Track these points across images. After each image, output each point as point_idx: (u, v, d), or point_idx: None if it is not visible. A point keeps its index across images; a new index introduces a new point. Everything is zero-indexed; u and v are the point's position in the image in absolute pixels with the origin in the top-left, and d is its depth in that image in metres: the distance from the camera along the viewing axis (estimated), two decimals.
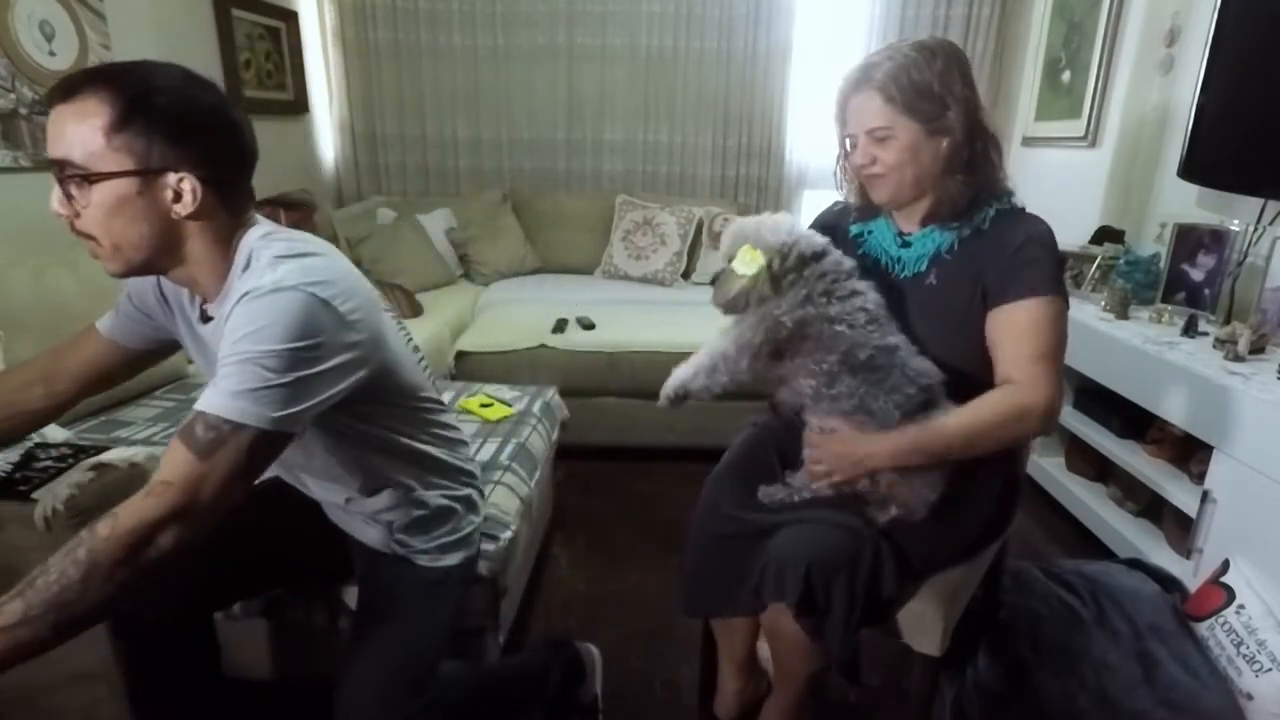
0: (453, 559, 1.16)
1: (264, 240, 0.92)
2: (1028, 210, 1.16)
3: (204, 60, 2.66)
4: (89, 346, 1.09)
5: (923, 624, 1.16)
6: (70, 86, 0.83)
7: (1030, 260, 1.09)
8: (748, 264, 1.09)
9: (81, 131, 0.82)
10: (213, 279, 0.93)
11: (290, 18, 3.22)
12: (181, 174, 0.86)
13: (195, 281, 0.94)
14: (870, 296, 1.10)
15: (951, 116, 1.07)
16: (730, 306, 1.12)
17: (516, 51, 3.55)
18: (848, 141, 1.16)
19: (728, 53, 3.50)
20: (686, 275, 3.39)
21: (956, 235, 1.14)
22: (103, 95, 0.82)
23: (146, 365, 1.15)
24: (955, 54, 1.09)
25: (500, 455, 1.62)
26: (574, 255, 3.55)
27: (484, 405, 1.84)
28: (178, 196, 0.87)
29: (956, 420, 1.07)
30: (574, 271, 3.52)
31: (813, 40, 3.47)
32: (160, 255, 0.90)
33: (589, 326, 2.63)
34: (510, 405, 1.86)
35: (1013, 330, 1.09)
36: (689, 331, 2.55)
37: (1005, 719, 1.45)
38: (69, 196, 0.85)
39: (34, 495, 1.13)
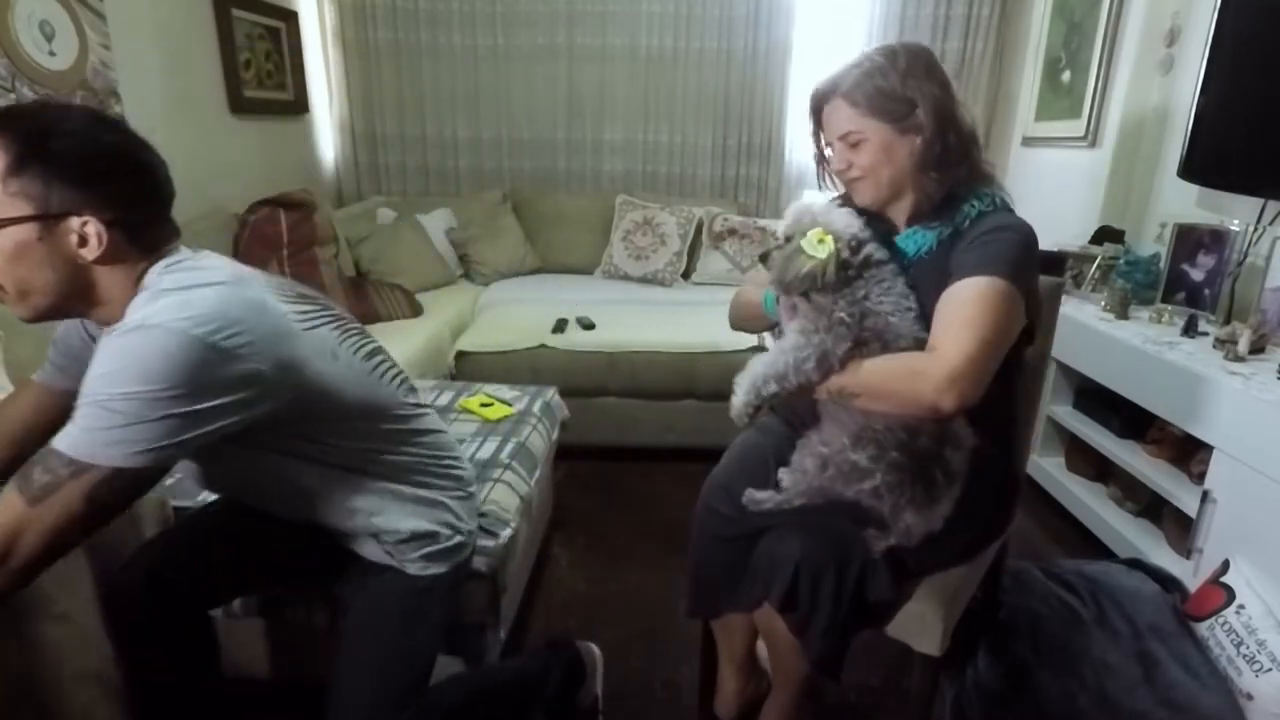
0: (440, 568, 1.13)
1: (162, 272, 0.89)
2: (1016, 212, 1.15)
3: (204, 60, 2.66)
4: (26, 400, 1.07)
5: (923, 624, 1.16)
6: None
7: (988, 243, 1.07)
8: (816, 246, 1.03)
9: None
10: (119, 316, 0.89)
11: (290, 18, 3.22)
12: (85, 218, 0.83)
13: (105, 319, 0.90)
14: (902, 284, 1.10)
15: (920, 114, 1.08)
16: (790, 287, 1.07)
17: (516, 51, 3.55)
18: (827, 150, 1.18)
19: (728, 53, 3.49)
20: (686, 275, 3.39)
21: (937, 236, 1.14)
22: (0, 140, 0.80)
23: None
24: (920, 52, 1.11)
25: (500, 453, 1.62)
26: (574, 255, 3.55)
27: (484, 405, 1.84)
28: (83, 241, 0.84)
29: (860, 368, 1.05)
30: (574, 271, 3.52)
31: (813, 40, 3.47)
32: (69, 299, 0.88)
33: (589, 326, 2.63)
34: (510, 405, 1.87)
35: (948, 302, 1.05)
36: (689, 331, 2.56)
37: (1005, 719, 1.45)
38: None
39: None
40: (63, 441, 0.79)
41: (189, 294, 0.85)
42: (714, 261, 3.36)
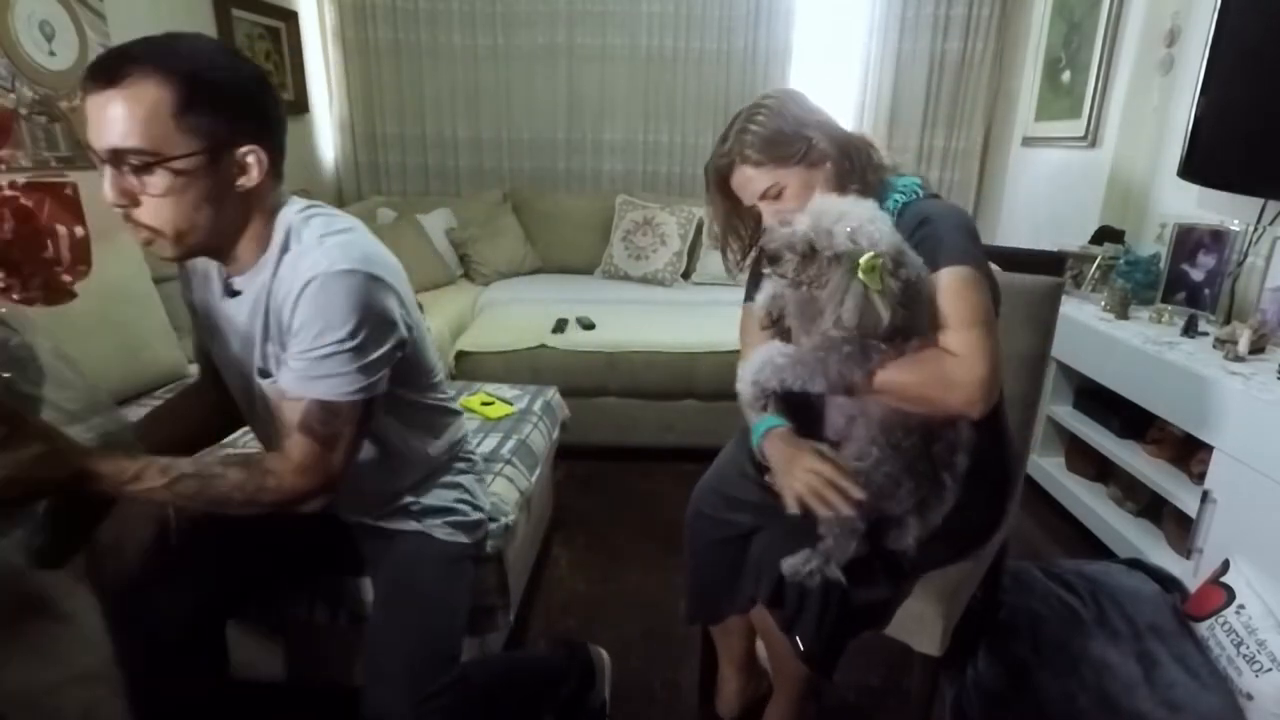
0: (464, 538, 1.19)
1: (302, 217, 0.95)
2: (940, 197, 1.16)
3: None
4: (208, 377, 1.16)
5: (923, 624, 1.16)
6: (113, 69, 0.80)
7: (929, 238, 1.06)
8: (872, 276, 0.95)
9: (142, 115, 0.80)
10: (251, 252, 0.95)
11: (290, 18, 3.22)
12: (248, 146, 0.88)
13: (234, 255, 0.95)
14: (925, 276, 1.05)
15: (817, 143, 1.10)
16: (862, 330, 0.97)
17: (516, 51, 3.55)
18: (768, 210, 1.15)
19: (728, 53, 3.50)
20: (686, 275, 3.39)
21: None
22: (157, 77, 0.81)
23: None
24: (783, 92, 1.16)
25: (501, 449, 1.62)
26: (574, 255, 3.55)
27: (485, 403, 1.84)
28: (243, 169, 0.88)
29: (885, 375, 1.03)
30: (574, 271, 3.52)
31: (813, 40, 3.48)
32: (219, 236, 0.92)
33: (589, 326, 2.63)
34: (511, 404, 1.87)
35: (940, 299, 1.04)
36: (689, 331, 2.56)
37: (1005, 719, 1.45)
38: (127, 185, 0.83)
39: None
40: (322, 388, 0.90)
41: (348, 238, 0.94)
42: (714, 261, 3.35)
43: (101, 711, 1.24)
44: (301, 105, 3.35)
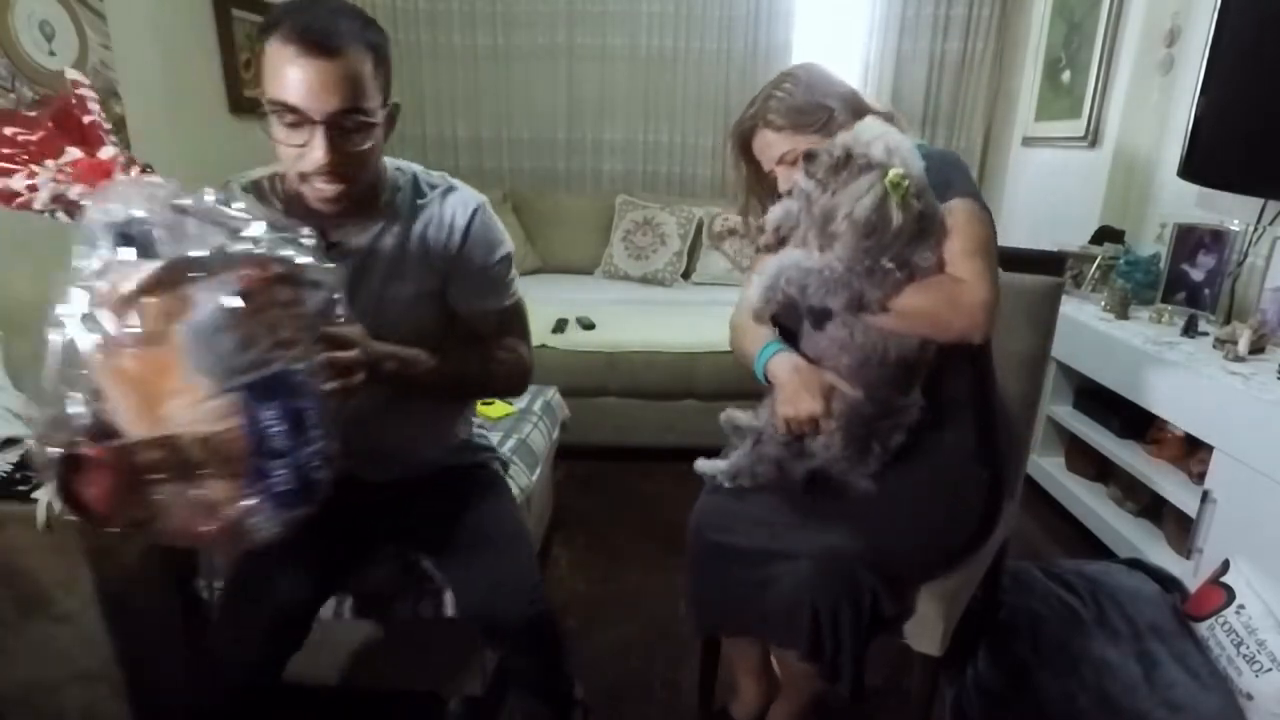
0: (499, 469, 1.38)
1: (412, 168, 1.17)
2: (939, 148, 1.20)
3: (204, 60, 2.66)
4: None
5: (923, 624, 1.16)
6: (333, 44, 0.91)
7: (936, 173, 1.09)
8: (897, 190, 1.00)
9: (358, 80, 0.95)
10: (366, 201, 1.07)
11: None
12: (394, 99, 1.05)
13: (348, 207, 1.03)
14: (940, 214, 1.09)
15: (838, 114, 1.14)
16: (864, 229, 1.01)
17: (516, 51, 3.55)
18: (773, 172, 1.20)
19: (728, 53, 3.50)
20: (686, 275, 3.39)
21: None
22: (360, 45, 0.94)
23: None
24: (810, 64, 1.23)
25: (501, 447, 1.61)
26: (574, 255, 3.55)
27: (485, 403, 1.84)
28: (391, 121, 1.04)
29: (899, 298, 1.06)
30: (574, 271, 3.52)
31: (813, 40, 3.47)
32: (372, 182, 1.08)
33: (589, 326, 2.63)
34: (511, 403, 1.87)
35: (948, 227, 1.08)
36: (689, 331, 2.56)
37: (1005, 719, 1.45)
38: (340, 144, 0.95)
39: (34, 495, 1.13)
40: (507, 299, 1.21)
41: (454, 180, 1.19)
42: (714, 261, 3.36)
43: (101, 711, 1.24)
44: None
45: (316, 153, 0.94)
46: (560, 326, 2.62)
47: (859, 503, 1.13)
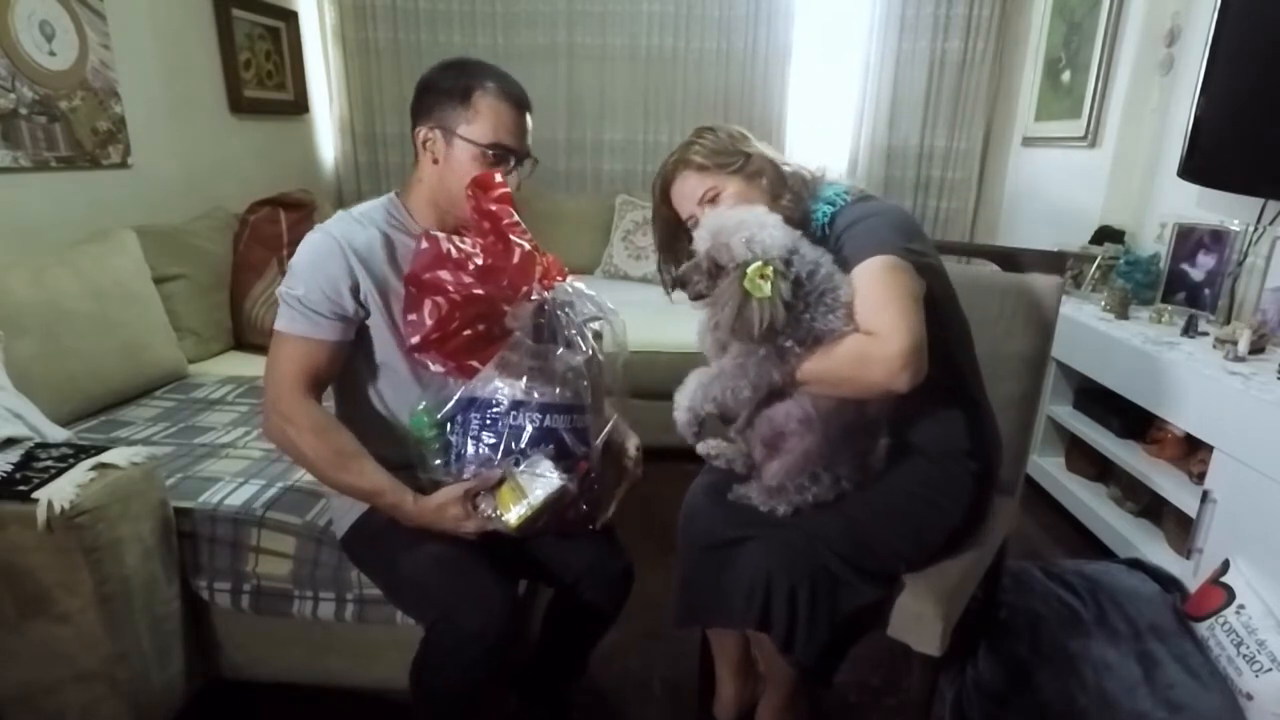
0: None
1: None
2: (875, 198, 1.21)
3: (204, 60, 2.66)
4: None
5: (923, 624, 1.16)
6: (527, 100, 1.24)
7: (850, 239, 1.11)
8: (760, 285, 1.00)
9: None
10: None
11: (290, 18, 3.22)
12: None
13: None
14: (834, 273, 1.09)
15: (755, 158, 1.21)
16: (745, 337, 1.05)
17: (516, 51, 3.55)
18: (691, 222, 1.23)
19: (728, 53, 3.49)
20: None
21: None
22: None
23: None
24: (727, 126, 1.28)
25: None
26: (574, 255, 3.52)
27: None
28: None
29: (806, 366, 1.08)
30: (574, 271, 3.47)
31: (813, 40, 3.47)
32: None
33: None
34: None
35: (855, 290, 1.07)
36: (689, 332, 2.55)
37: (1005, 719, 1.45)
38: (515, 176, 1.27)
39: (34, 495, 1.13)
40: None
41: None
42: None
43: (101, 711, 1.24)
44: (301, 105, 3.35)
45: (513, 181, 1.26)
46: None
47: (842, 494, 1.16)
